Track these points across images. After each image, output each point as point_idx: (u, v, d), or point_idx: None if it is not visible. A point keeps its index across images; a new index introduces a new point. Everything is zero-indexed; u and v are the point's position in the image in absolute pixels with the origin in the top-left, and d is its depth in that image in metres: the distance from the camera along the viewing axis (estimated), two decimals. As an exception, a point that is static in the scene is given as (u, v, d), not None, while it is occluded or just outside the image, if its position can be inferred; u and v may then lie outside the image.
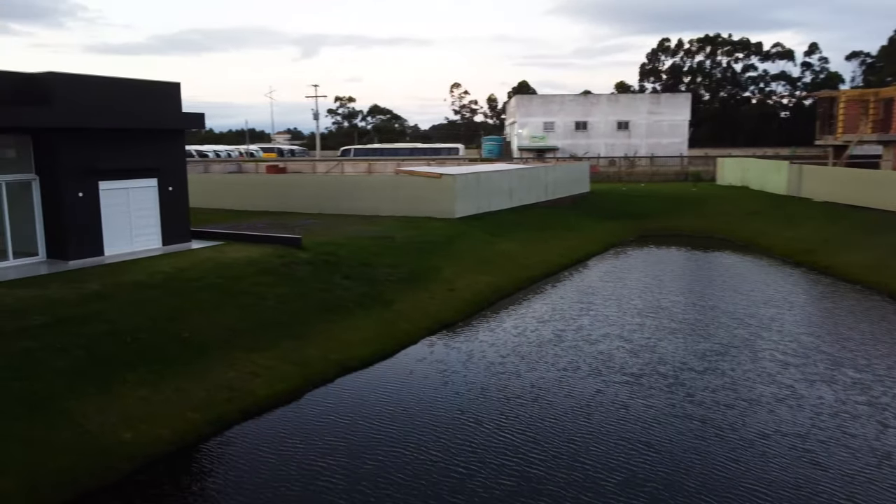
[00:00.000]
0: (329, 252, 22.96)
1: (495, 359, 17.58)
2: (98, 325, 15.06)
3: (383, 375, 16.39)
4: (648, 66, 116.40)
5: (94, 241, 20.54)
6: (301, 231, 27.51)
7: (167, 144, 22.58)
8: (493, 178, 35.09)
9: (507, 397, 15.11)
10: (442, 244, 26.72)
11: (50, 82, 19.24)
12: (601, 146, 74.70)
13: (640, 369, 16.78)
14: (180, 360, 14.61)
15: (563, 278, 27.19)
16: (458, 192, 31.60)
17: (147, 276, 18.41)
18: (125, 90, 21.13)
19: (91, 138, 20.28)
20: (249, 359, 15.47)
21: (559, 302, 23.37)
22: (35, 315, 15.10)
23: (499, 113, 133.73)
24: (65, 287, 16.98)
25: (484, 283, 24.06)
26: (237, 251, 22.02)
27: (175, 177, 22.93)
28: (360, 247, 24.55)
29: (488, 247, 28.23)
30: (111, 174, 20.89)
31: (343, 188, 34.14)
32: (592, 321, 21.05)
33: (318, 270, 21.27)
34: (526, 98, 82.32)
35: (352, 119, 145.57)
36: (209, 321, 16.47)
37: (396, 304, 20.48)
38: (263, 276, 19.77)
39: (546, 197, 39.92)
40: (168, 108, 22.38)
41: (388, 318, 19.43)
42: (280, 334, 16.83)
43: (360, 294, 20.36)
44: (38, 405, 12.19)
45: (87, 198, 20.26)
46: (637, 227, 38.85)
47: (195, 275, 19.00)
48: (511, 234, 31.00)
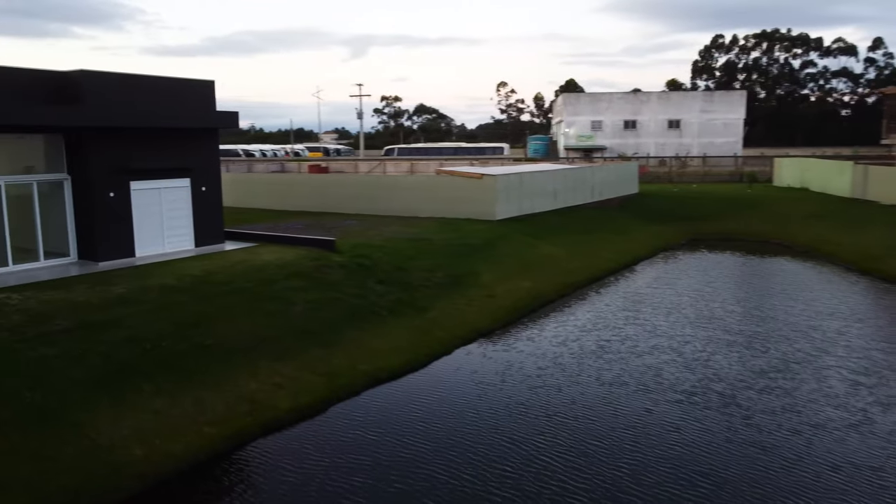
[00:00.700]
0: (364, 255, 22.15)
1: (534, 371, 16.49)
2: (119, 330, 14.51)
3: (414, 388, 15.46)
4: (701, 64, 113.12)
5: (124, 243, 20.15)
6: (338, 232, 26.83)
7: (200, 143, 22.10)
8: (537, 179, 33.88)
9: (546, 414, 14.02)
10: (481, 247, 25.68)
11: (81, 81, 18.89)
12: (651, 146, 72.57)
13: (692, 386, 15.48)
14: (201, 369, 13.93)
15: (609, 284, 25.87)
16: (500, 193, 30.51)
17: (175, 279, 17.87)
18: (158, 88, 20.70)
19: (122, 137, 19.89)
20: (274, 369, 14.72)
21: (604, 310, 22.10)
22: (57, 319, 14.62)
23: (545, 112, 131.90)
24: (90, 290, 16.53)
25: (524, 288, 22.94)
26: (270, 253, 21.39)
27: (208, 177, 22.44)
28: (396, 249, 23.70)
29: (530, 250, 27.08)
30: (143, 174, 20.48)
31: (382, 188, 33.40)
32: (640, 331, 19.75)
33: (352, 274, 20.48)
34: (573, 96, 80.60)
35: (398, 118, 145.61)
36: (235, 328, 15.79)
37: (431, 310, 19.54)
38: (294, 280, 19.06)
39: (592, 198, 38.50)
40: (202, 106, 21.90)
41: (422, 326, 18.50)
42: (308, 342, 16.06)
43: (394, 300, 19.48)
44: (49, 417, 11.62)
45: (118, 198, 19.87)
46: (688, 231, 37.11)
47: (224, 278, 18.39)
48: (554, 236, 29.77)
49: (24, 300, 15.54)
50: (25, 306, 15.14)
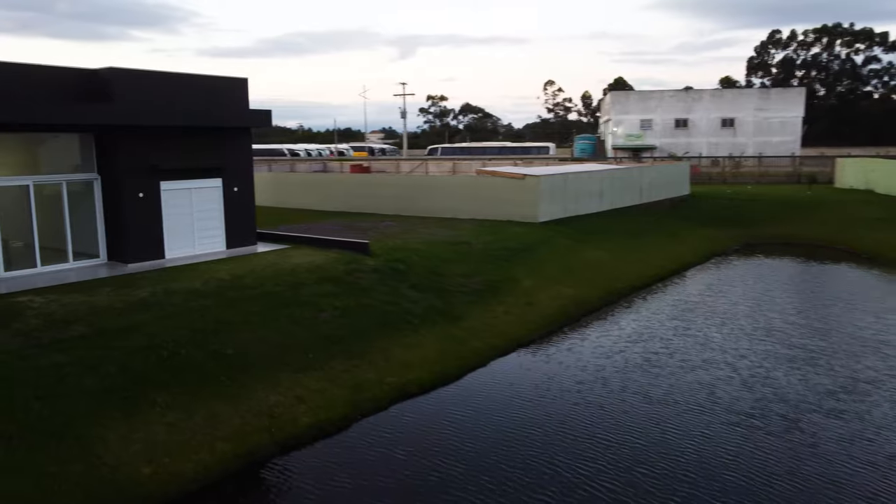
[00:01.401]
0: (398, 258, 21.26)
1: (575, 385, 15.33)
2: (138, 337, 13.90)
3: (445, 403, 14.47)
4: (757, 60, 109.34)
5: (154, 244, 19.68)
6: (375, 234, 26.04)
7: (233, 142, 21.53)
8: (582, 179, 32.53)
9: (589, 435, 12.88)
10: (522, 251, 24.54)
11: (110, 78, 18.46)
12: (703, 145, 70.10)
13: (751, 407, 14.12)
14: (219, 380, 13.21)
15: (658, 291, 24.43)
16: (543, 194, 29.29)
17: (201, 283, 17.26)
18: (189, 86, 20.20)
19: (152, 136, 19.42)
20: (296, 380, 13.91)
21: (652, 319, 20.75)
22: (76, 325, 14.11)
23: (593, 111, 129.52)
24: (113, 294, 16.02)
25: (567, 295, 21.73)
26: (301, 256, 20.68)
27: (241, 177, 21.87)
28: (433, 253, 22.74)
29: (574, 255, 25.81)
30: (173, 174, 19.99)
31: (422, 189, 32.52)
32: (691, 343, 18.37)
33: (385, 279, 19.60)
34: (622, 94, 78.51)
35: (443, 118, 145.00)
36: (257, 335, 15.05)
37: (466, 319, 18.52)
38: (324, 285, 18.27)
39: (641, 200, 36.92)
40: (234, 104, 21.33)
41: (456, 335, 17.50)
42: (333, 352, 15.22)
43: (427, 307, 18.52)
44: (57, 430, 11.01)
45: (148, 198, 19.42)
46: (743, 235, 35.22)
47: (252, 282, 17.71)
48: (600, 240, 28.41)
49: (46, 304, 15.09)
50: (46, 310, 14.68)
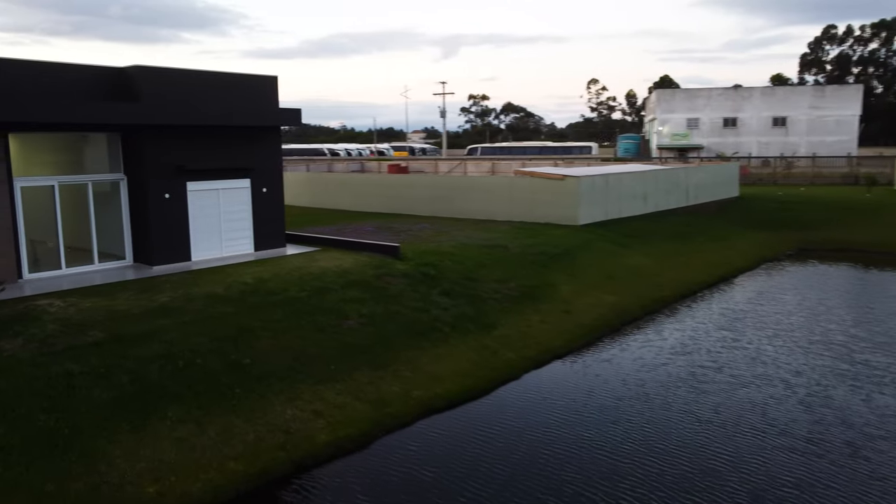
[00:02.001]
0: (430, 263, 20.43)
1: (615, 402, 14.28)
2: (153, 345, 13.35)
3: (475, 419, 13.56)
4: (810, 57, 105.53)
5: (180, 246, 19.25)
6: (408, 236, 25.28)
7: (262, 142, 21.00)
8: (625, 181, 31.24)
9: (629, 457, 11.85)
10: (560, 256, 23.47)
11: (137, 77, 18.06)
12: (753, 145, 67.66)
13: (809, 431, 12.89)
14: (234, 392, 12.55)
15: (704, 299, 23.10)
16: (583, 196, 28.13)
17: (224, 287, 16.70)
18: (217, 84, 19.71)
19: (179, 136, 18.98)
20: (316, 393, 13.18)
21: (698, 329, 19.50)
22: (92, 330, 13.64)
23: (638, 110, 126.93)
24: (134, 298, 15.56)
25: (607, 303, 20.60)
26: (330, 259, 20.02)
27: (270, 177, 21.32)
28: (467, 257, 21.85)
29: (615, 260, 24.62)
30: (200, 174, 19.53)
31: (458, 190, 31.65)
32: (741, 357, 17.11)
33: (415, 284, 18.79)
34: (668, 92, 76.36)
35: (485, 117, 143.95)
36: (278, 344, 14.39)
37: (500, 327, 17.58)
38: (351, 291, 17.55)
39: (687, 202, 35.41)
40: (264, 103, 20.78)
41: (488, 345, 16.58)
42: (357, 363, 14.46)
43: (459, 315, 17.65)
44: (61, 445, 10.47)
45: (174, 199, 18.98)
46: (796, 239, 33.44)
47: (277, 286, 17.09)
48: (643, 244, 27.13)
49: (65, 308, 14.69)
50: (63, 315, 14.26)
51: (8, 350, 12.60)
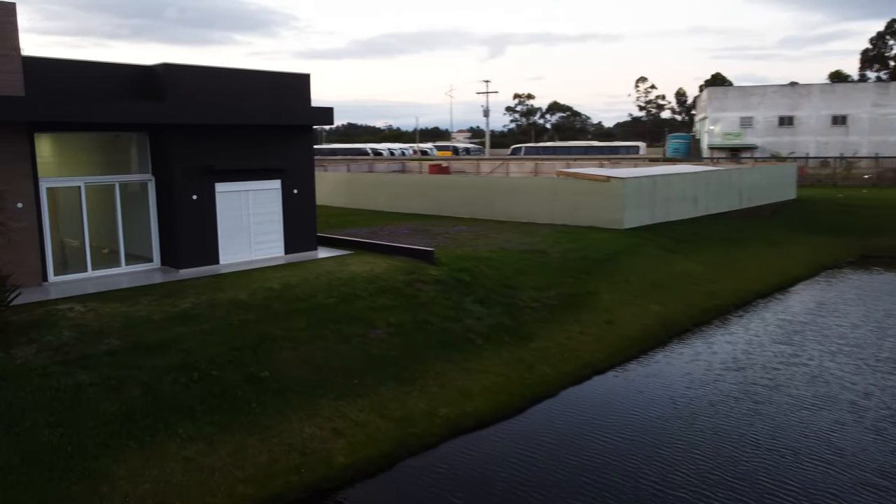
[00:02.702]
0: (465, 268, 19.50)
1: (660, 424, 13.14)
2: (170, 355, 12.75)
3: (505, 441, 12.59)
4: (872, 53, 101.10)
5: (207, 249, 18.73)
6: (444, 239, 24.41)
7: (293, 142, 20.37)
8: (674, 182, 29.77)
9: (676, 486, 10.71)
10: (604, 262, 22.27)
11: (164, 75, 17.58)
12: (810, 144, 64.80)
13: (883, 463, 11.57)
14: (250, 407, 11.84)
15: (759, 309, 21.61)
16: (629, 198, 26.81)
17: (248, 293, 16.07)
18: (247, 82, 19.14)
19: (207, 135, 18.46)
20: (337, 409, 12.39)
21: (752, 343, 18.13)
22: (108, 338, 13.11)
23: (688, 109, 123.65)
24: (155, 303, 15.03)
25: (653, 313, 19.35)
26: (361, 264, 19.26)
27: (301, 178, 20.68)
28: (505, 262, 20.85)
29: (663, 266, 23.29)
30: (229, 175, 18.99)
31: (498, 191, 30.63)
32: (801, 375, 15.74)
33: (449, 292, 17.89)
34: (720, 90, 73.78)
35: (530, 117, 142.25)
36: (299, 355, 13.65)
37: (537, 339, 16.55)
38: (381, 298, 16.74)
39: (740, 205, 33.68)
40: (295, 101, 20.15)
41: (524, 358, 15.57)
42: (382, 377, 13.62)
43: (494, 325, 16.68)
44: (63, 463, 9.88)
45: (202, 201, 18.47)
46: (858, 245, 31.44)
47: (303, 292, 16.39)
48: (693, 250, 25.69)
49: (84, 313, 14.22)
50: (81, 321, 13.79)
51: (20, 358, 12.14)
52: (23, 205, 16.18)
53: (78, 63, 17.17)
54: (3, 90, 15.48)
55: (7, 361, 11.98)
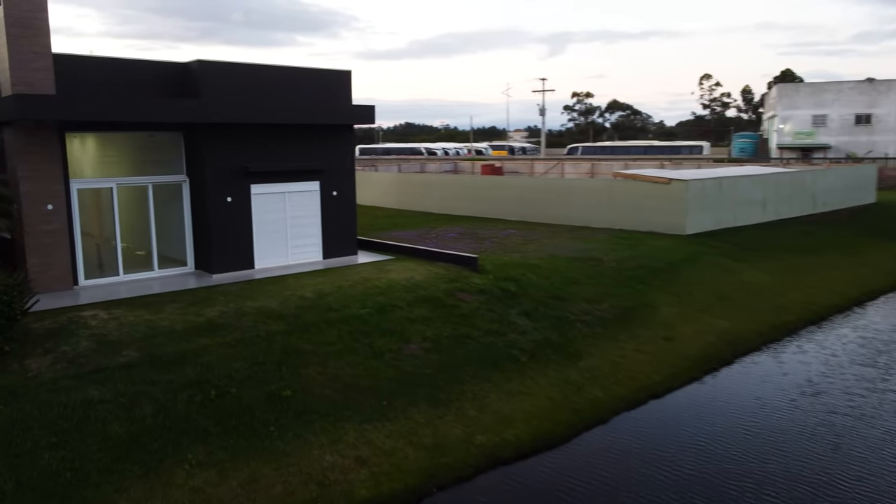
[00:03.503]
0: (511, 277, 18.23)
1: (729, 459, 11.61)
2: (188, 369, 11.94)
3: (546, 475, 11.30)
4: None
5: (242, 253, 17.99)
6: (492, 244, 23.18)
7: (333, 142, 19.48)
8: (741, 185, 27.77)
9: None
10: (664, 271, 20.64)
11: (199, 72, 16.90)
12: (891, 144, 60.79)
13: None
14: (268, 430, 10.90)
15: (837, 326, 19.62)
16: (691, 202, 25.03)
17: (279, 301, 15.20)
18: (285, 80, 18.32)
19: (243, 135, 17.71)
20: (362, 434, 11.33)
21: (831, 364, 16.29)
22: (128, 349, 12.40)
23: (755, 107, 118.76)
24: (181, 311, 14.29)
25: (717, 329, 17.69)
26: (401, 271, 18.22)
27: (341, 180, 19.77)
28: (555, 270, 19.49)
29: (728, 276, 21.49)
30: (265, 176, 18.21)
31: (551, 193, 29.18)
32: (891, 403, 13.91)
33: (492, 303, 16.66)
34: (790, 87, 70.15)
35: (588, 116, 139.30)
36: (326, 372, 12.66)
37: (587, 357, 15.16)
38: (419, 308, 15.65)
39: (813, 209, 31.32)
40: (336, 100, 19.24)
41: (572, 379, 14.21)
42: (414, 397, 12.51)
43: (540, 340, 15.37)
44: (60, 490, 9.11)
45: (237, 203, 17.73)
46: (948, 254, 28.70)
47: (337, 302, 15.43)
48: (761, 259, 23.75)
49: (106, 321, 13.57)
50: (102, 330, 13.12)
51: (33, 370, 11.51)
52: (53, 206, 15.72)
53: (111, 60, 16.66)
54: (33, 88, 15.03)
55: (19, 374, 11.36)
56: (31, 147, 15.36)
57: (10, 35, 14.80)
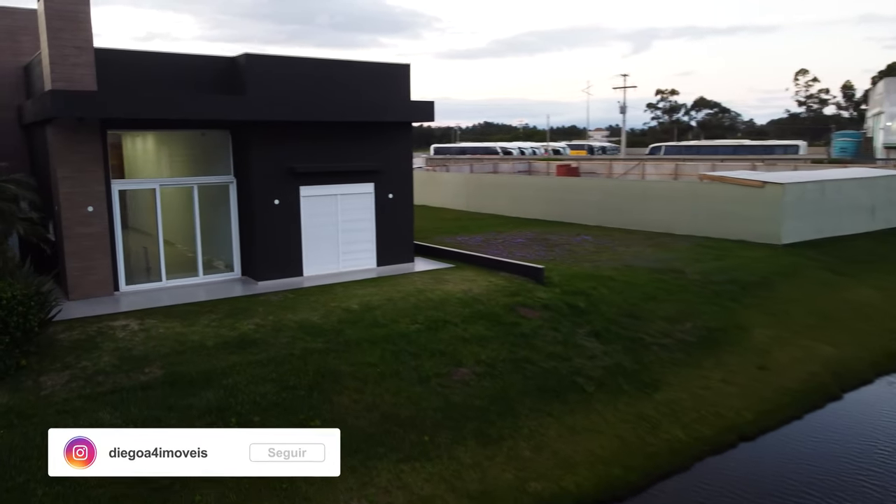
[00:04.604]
0: (581, 291, 16.40)
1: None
2: (210, 393, 10.78)
3: (615, 536, 9.51)
4: None
5: (290, 259, 16.89)
6: (562, 252, 21.35)
7: (389, 141, 18.14)
8: (845, 189, 24.83)
9: None
10: (756, 286, 18.29)
11: (246, 66, 15.86)
12: None
13: None
14: (289, 469, 9.54)
15: (966, 356, 16.79)
16: (789, 208, 22.41)
17: (322, 314, 13.94)
18: (339, 74, 17.11)
19: (291, 133, 16.59)
20: (397, 475, 9.86)
21: (963, 407, 13.72)
22: (150, 366, 11.37)
23: (857, 103, 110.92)
24: (215, 324, 13.21)
25: (822, 357, 15.31)
26: (459, 281, 16.68)
27: (397, 181, 18.41)
28: (631, 283, 17.50)
29: (832, 293, 18.91)
30: (315, 178, 17.05)
31: (630, 196, 27.00)
32: None
33: (558, 321, 14.90)
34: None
35: (673, 114, 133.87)
36: (364, 399, 11.26)
37: (665, 388, 13.20)
38: (474, 326, 14.07)
39: (930, 216, 27.84)
40: (393, 96, 17.89)
41: (647, 414, 12.31)
42: (462, 432, 10.95)
43: (611, 366, 13.51)
44: (47, 535, 8.03)
45: (284, 206, 16.64)
46: None
47: (384, 316, 14.03)
48: (871, 273, 20.93)
49: (135, 333, 12.63)
50: (129, 343, 12.17)
51: (47, 388, 10.61)
52: (93, 208, 15.00)
53: (156, 55, 15.85)
54: (74, 84, 14.31)
55: (31, 391, 10.47)
56: (71, 146, 14.66)
57: (50, 28, 14.12)
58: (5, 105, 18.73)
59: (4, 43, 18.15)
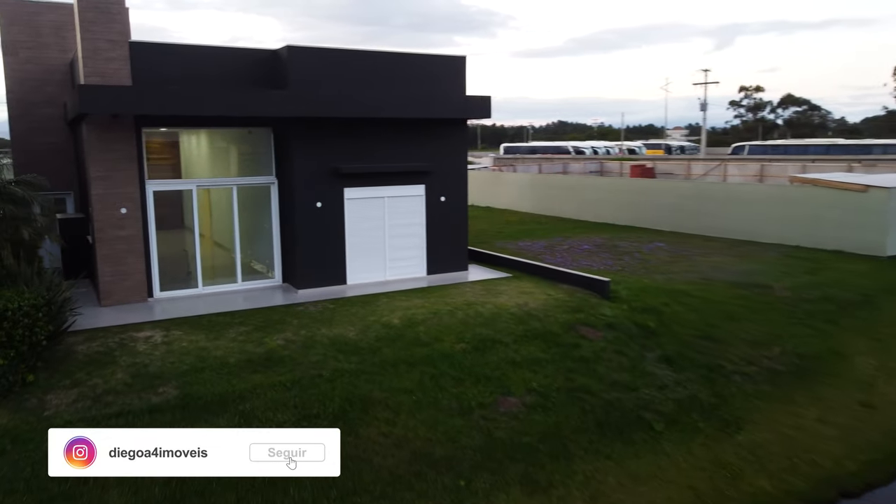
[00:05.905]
0: (651, 307, 14.59)
1: None
2: (222, 419, 9.69)
3: None
4: None
5: (333, 266, 15.75)
6: (632, 261, 19.51)
7: (442, 139, 16.76)
8: (964, 194, 21.85)
9: None
10: (858, 305, 15.99)
11: (287, 60, 14.79)
12: None
13: None
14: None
15: None
16: (895, 215, 19.80)
17: (359, 330, 12.69)
18: (388, 68, 15.84)
19: (336, 131, 15.44)
20: (425, 529, 8.45)
21: None
22: (164, 386, 10.39)
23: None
24: (242, 338, 12.15)
25: (939, 394, 13.01)
26: (514, 293, 15.15)
27: (451, 183, 17.02)
28: (709, 300, 15.54)
29: (950, 316, 16.36)
30: (361, 179, 15.85)
31: (710, 199, 24.74)
32: None
33: (623, 343, 13.17)
34: None
35: (757, 112, 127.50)
36: (395, 432, 9.91)
37: (749, 427, 11.31)
38: (527, 346, 12.52)
39: None
40: (446, 91, 16.50)
41: (726, 460, 10.48)
42: (504, 477, 9.45)
43: (684, 399, 11.71)
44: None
45: (327, 209, 15.50)
46: None
47: (427, 333, 12.66)
48: None
49: (156, 346, 11.70)
50: (147, 358, 11.24)
51: (51, 408, 9.75)
52: (127, 210, 14.23)
53: (195, 48, 14.96)
54: (107, 79, 13.57)
55: (33, 412, 9.62)
56: (105, 144, 13.91)
57: (83, 21, 13.41)
58: (53, 101, 18.43)
59: (51, 38, 17.80)
